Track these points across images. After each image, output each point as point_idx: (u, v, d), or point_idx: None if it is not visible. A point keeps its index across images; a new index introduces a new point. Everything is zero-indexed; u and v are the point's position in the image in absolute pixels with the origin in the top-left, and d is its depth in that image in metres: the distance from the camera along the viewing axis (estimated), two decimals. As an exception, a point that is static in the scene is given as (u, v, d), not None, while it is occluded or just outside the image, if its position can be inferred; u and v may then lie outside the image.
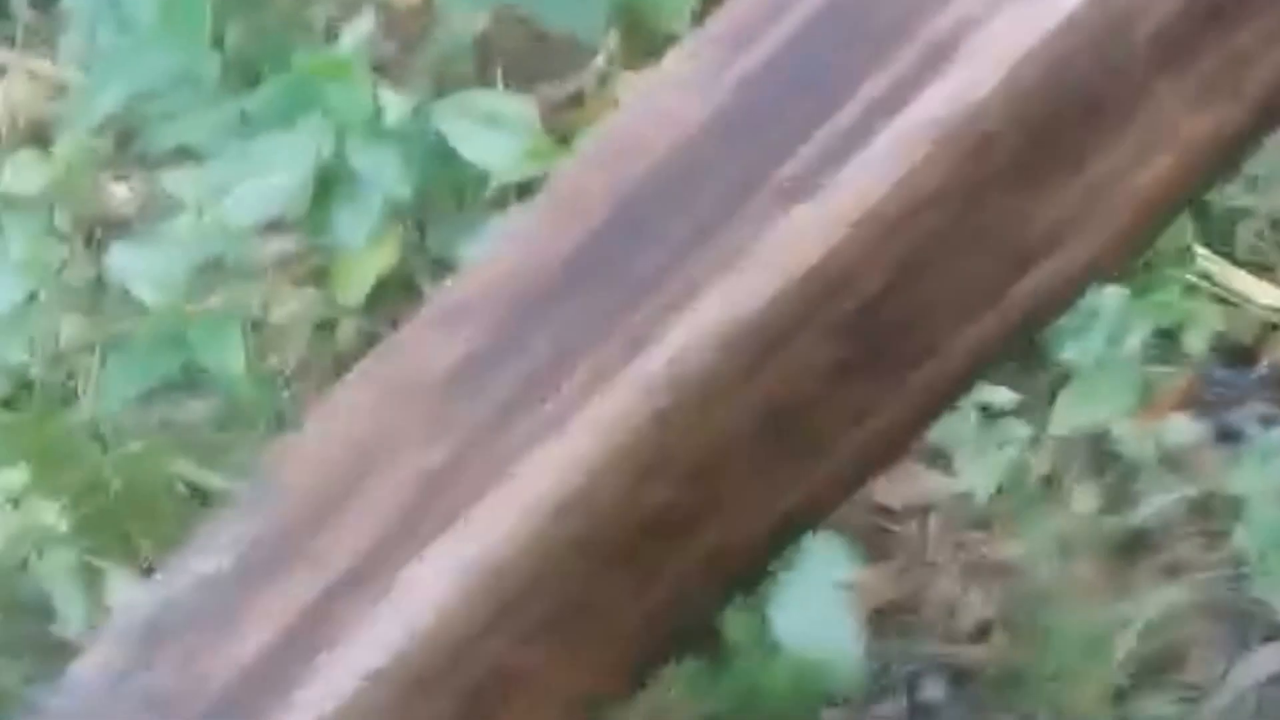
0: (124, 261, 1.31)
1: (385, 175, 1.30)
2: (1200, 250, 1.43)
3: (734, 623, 1.04)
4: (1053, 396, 1.32)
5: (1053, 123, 0.46)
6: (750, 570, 0.51)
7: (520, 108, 1.30)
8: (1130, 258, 0.49)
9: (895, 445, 0.50)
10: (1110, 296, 1.29)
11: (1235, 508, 1.25)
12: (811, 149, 0.47)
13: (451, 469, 0.51)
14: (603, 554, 0.48)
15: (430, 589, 0.48)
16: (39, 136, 1.54)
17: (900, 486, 1.37)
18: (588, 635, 0.48)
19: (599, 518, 0.47)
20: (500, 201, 1.44)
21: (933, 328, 0.47)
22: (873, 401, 0.48)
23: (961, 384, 0.50)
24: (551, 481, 0.48)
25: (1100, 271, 0.48)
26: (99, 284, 1.41)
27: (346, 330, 1.40)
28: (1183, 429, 1.29)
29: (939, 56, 0.45)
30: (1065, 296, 0.48)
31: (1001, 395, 1.34)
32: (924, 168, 0.45)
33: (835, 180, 0.46)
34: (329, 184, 1.34)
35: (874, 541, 1.34)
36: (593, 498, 0.47)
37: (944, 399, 0.50)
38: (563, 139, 1.31)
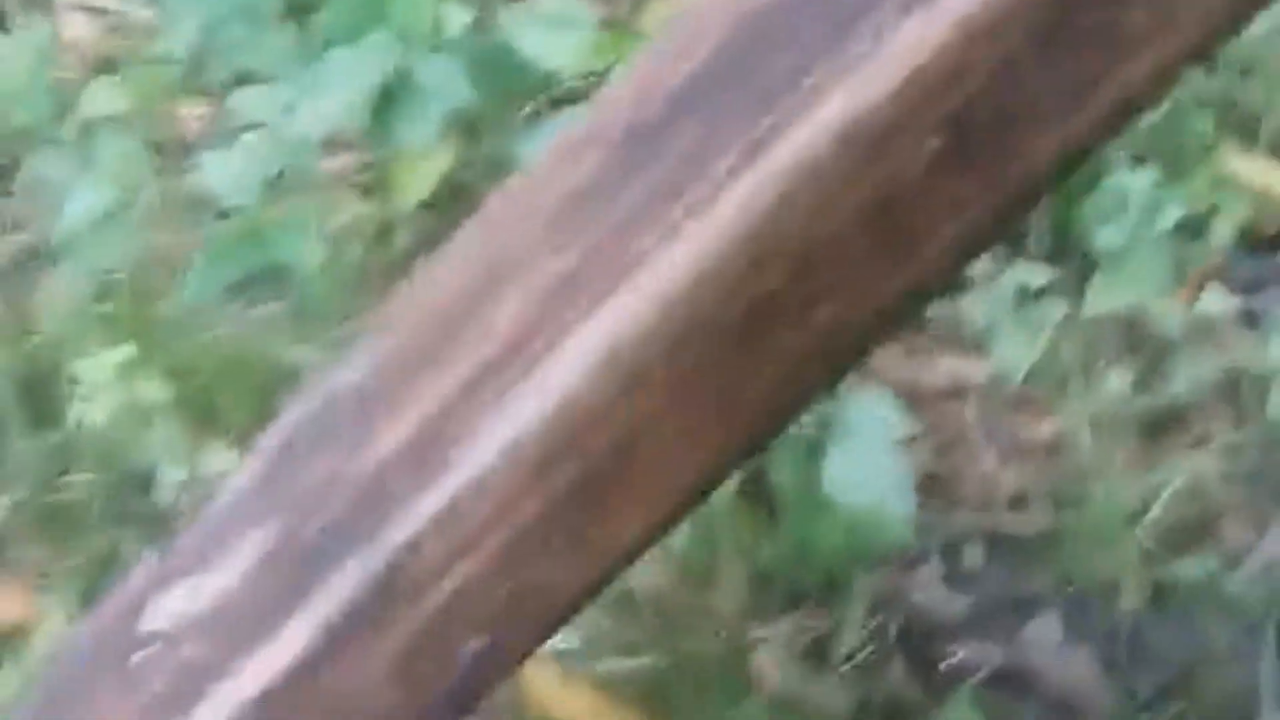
0: (208, 168, 1.36)
1: (447, 85, 1.34)
2: (1225, 144, 1.48)
3: (786, 477, 1.09)
4: (1085, 280, 1.38)
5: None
6: (853, 354, 0.56)
7: (583, 10, 1.34)
8: (1219, 45, 0.53)
9: (984, 238, 0.55)
10: (1140, 181, 1.34)
11: (1264, 384, 1.31)
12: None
13: (582, 271, 0.55)
14: (720, 336, 0.52)
15: (562, 370, 0.53)
16: (104, 70, 1.60)
17: (939, 369, 1.43)
18: (705, 413, 0.52)
19: (718, 302, 0.51)
20: (557, 105, 1.49)
21: (1027, 125, 0.52)
22: (968, 195, 0.53)
23: (1047, 181, 0.54)
24: (676, 272, 0.52)
25: (1192, 59, 0.52)
26: (178, 197, 1.47)
27: (404, 236, 1.45)
28: (1213, 307, 1.34)
29: None
30: (1153, 91, 0.52)
31: (1038, 277, 1.40)
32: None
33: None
34: (392, 96, 1.38)
35: (914, 421, 1.39)
36: (713, 284, 0.51)
37: (1032, 195, 0.54)
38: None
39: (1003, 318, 1.37)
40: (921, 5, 0.50)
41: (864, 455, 1.02)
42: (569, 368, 0.53)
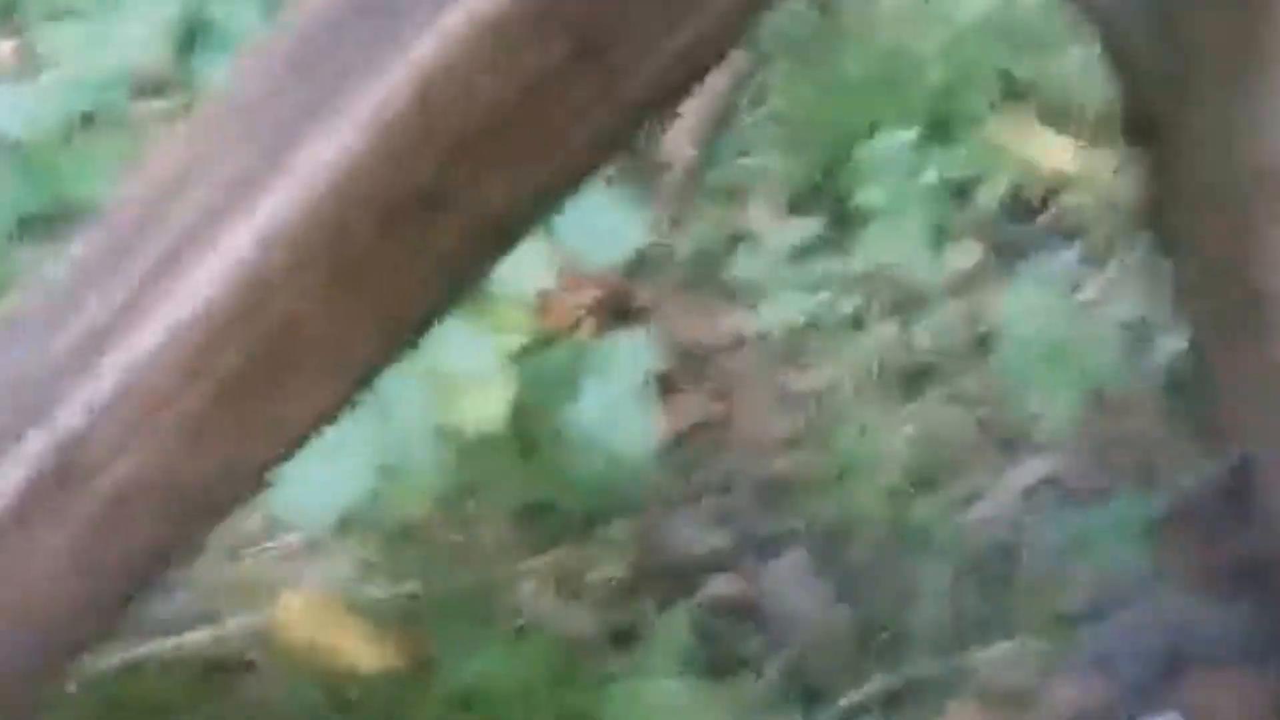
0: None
1: (243, 21, 1.37)
2: (998, 113, 1.55)
3: (544, 416, 1.14)
4: (853, 237, 1.45)
5: None
6: (502, 243, 0.60)
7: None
8: None
9: (622, 133, 0.60)
10: (905, 141, 1.40)
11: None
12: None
13: (256, 166, 0.59)
14: (376, 224, 0.56)
15: (229, 255, 0.57)
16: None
17: (713, 323, 1.49)
18: (367, 295, 0.56)
19: (373, 191, 0.56)
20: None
21: (645, 31, 0.57)
22: (595, 95, 0.58)
23: (669, 88, 0.59)
24: (330, 164, 0.56)
25: None
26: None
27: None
28: (968, 265, 1.41)
29: None
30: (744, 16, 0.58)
31: (808, 233, 1.46)
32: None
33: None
34: (191, 34, 1.41)
35: (688, 372, 1.45)
36: (366, 176, 0.56)
37: (662, 95, 0.59)
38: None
39: (775, 274, 1.44)
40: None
41: (614, 395, 1.08)
42: (234, 255, 0.57)
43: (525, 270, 1.09)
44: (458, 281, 0.59)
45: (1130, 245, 1.44)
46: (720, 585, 1.22)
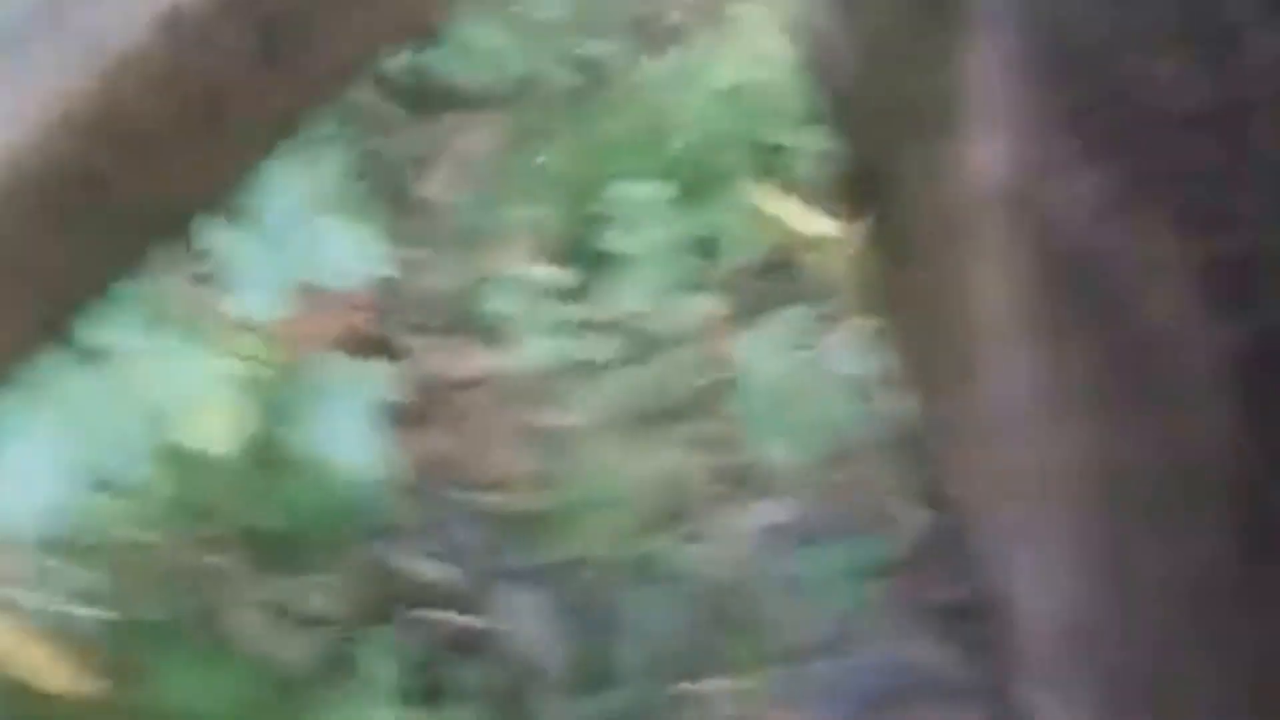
0: None
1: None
2: (749, 177, 1.61)
3: (282, 443, 1.15)
4: (599, 283, 1.49)
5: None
6: (177, 230, 0.62)
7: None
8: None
9: (295, 127, 0.62)
10: (653, 194, 1.45)
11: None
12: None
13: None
14: (43, 208, 0.58)
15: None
16: None
17: (462, 359, 1.51)
18: (22, 286, 0.57)
19: (41, 171, 0.57)
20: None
21: (328, 32, 0.59)
22: (278, 88, 0.60)
23: (345, 81, 0.62)
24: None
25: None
26: None
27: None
28: (714, 315, 1.47)
29: None
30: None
31: (555, 278, 1.50)
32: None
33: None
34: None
35: (434, 407, 1.47)
36: (37, 153, 0.57)
37: (334, 90, 0.62)
38: None
39: (526, 316, 1.47)
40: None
41: (346, 420, 1.09)
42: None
43: (264, 296, 1.11)
44: (119, 269, 0.61)
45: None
46: (447, 617, 1.25)
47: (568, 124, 1.61)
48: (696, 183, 1.57)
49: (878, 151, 0.82)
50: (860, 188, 0.90)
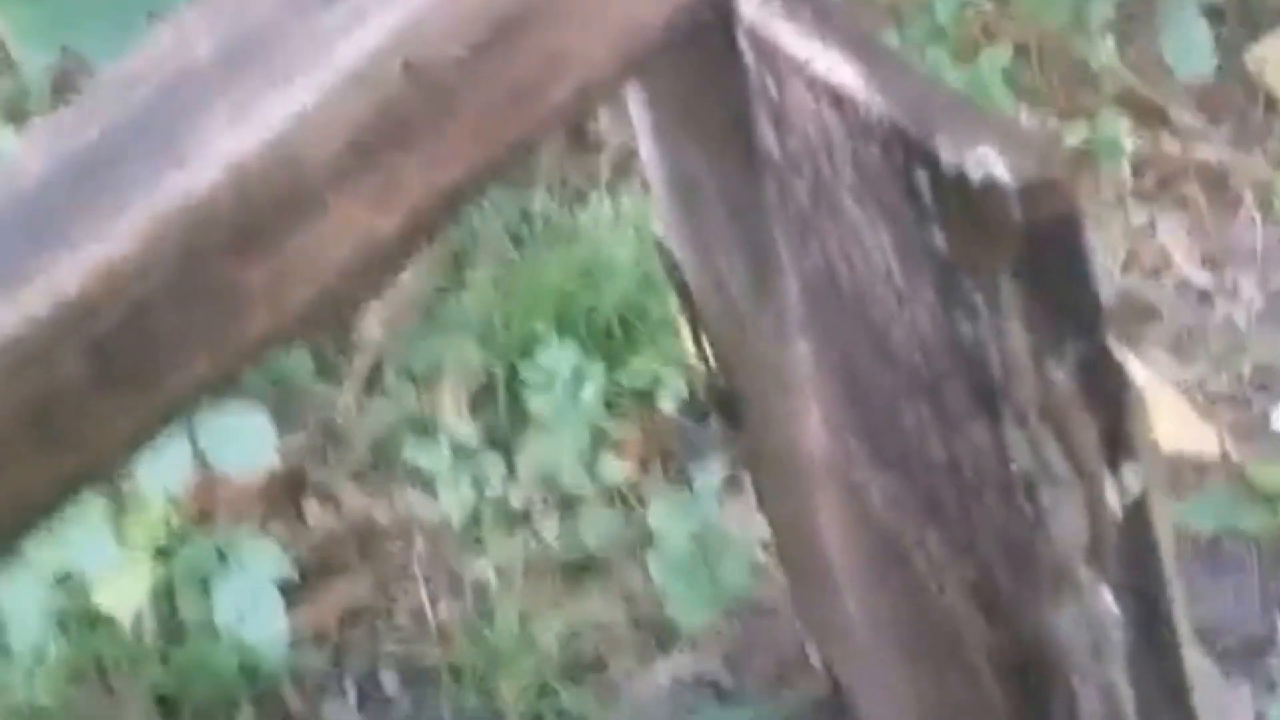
0: None
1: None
2: (680, 322, 1.64)
3: (186, 608, 1.18)
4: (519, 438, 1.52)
5: (260, 213, 0.62)
6: (20, 528, 0.66)
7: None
8: (318, 324, 0.65)
9: (141, 441, 0.65)
10: (568, 357, 1.48)
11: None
12: (89, 211, 0.62)
13: None
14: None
15: None
16: None
17: (388, 505, 1.54)
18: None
19: None
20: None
21: (167, 354, 0.63)
22: (124, 407, 0.63)
23: (200, 397, 0.65)
24: None
25: (297, 328, 0.64)
26: None
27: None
28: (628, 467, 1.50)
29: (177, 163, 0.61)
30: (271, 345, 0.64)
31: (484, 427, 1.53)
32: (153, 239, 0.61)
33: (98, 236, 0.62)
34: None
35: (358, 553, 1.50)
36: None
37: (181, 409, 0.65)
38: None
39: (446, 465, 1.50)
40: (66, 247, 0.61)
41: (248, 592, 1.13)
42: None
43: (167, 474, 1.14)
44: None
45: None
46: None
47: (501, 265, 1.65)
48: (626, 329, 1.61)
49: (733, 376, 0.86)
50: (728, 409, 0.93)
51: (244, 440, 1.11)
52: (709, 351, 0.94)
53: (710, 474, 1.48)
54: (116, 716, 1.16)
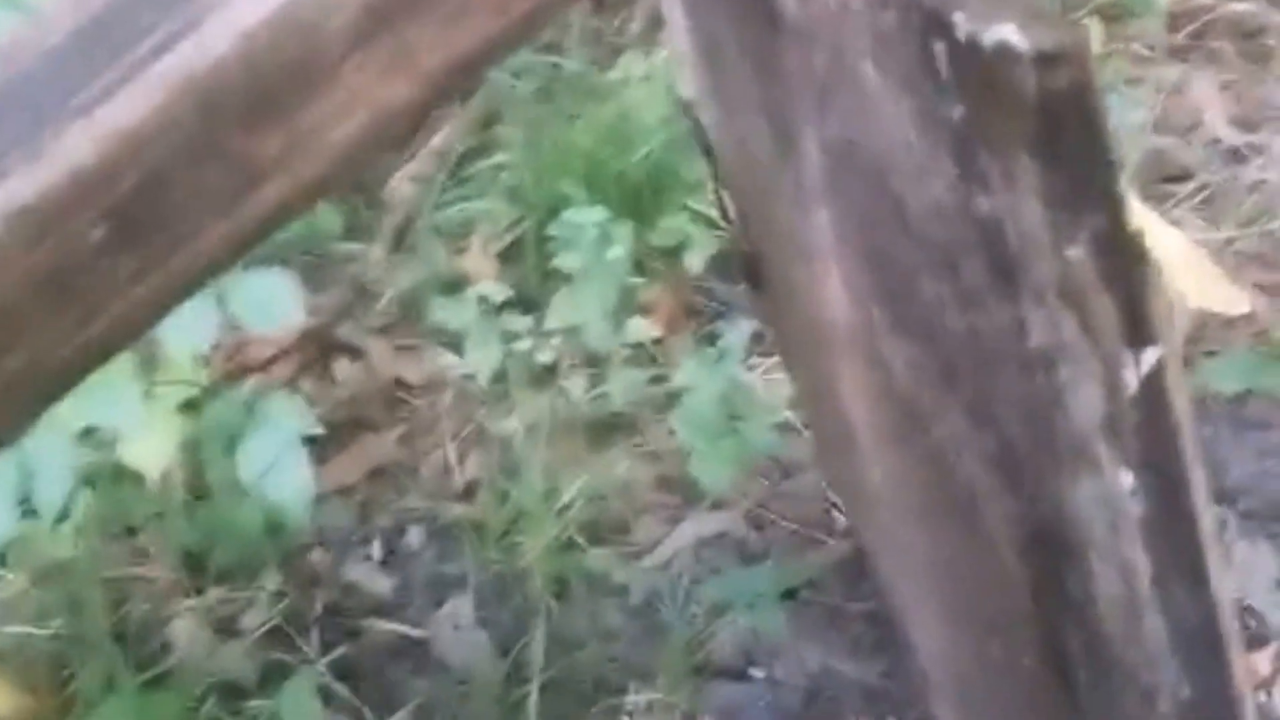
0: None
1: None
2: (711, 183, 1.62)
3: (211, 465, 1.19)
4: (547, 297, 1.51)
5: (272, 81, 0.61)
6: (50, 393, 0.66)
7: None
8: (332, 190, 0.65)
9: (161, 307, 0.65)
10: (595, 216, 1.47)
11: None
12: (101, 80, 0.61)
13: None
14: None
15: None
16: None
17: (416, 362, 1.54)
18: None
19: None
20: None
21: (183, 221, 0.62)
22: (139, 273, 0.63)
23: (214, 267, 0.65)
24: None
25: (312, 196, 0.63)
26: None
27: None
28: (662, 325, 1.49)
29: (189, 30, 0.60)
30: (287, 212, 0.64)
31: (513, 286, 1.52)
32: (173, 101, 0.60)
33: (111, 102, 0.61)
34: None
35: (385, 411, 1.51)
36: None
37: (199, 278, 0.65)
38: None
39: (479, 323, 1.50)
40: (81, 115, 0.60)
41: (272, 450, 1.13)
42: None
43: (194, 334, 1.14)
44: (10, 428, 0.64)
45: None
46: (380, 625, 1.29)
47: (530, 126, 1.63)
48: (655, 188, 1.59)
49: (757, 240, 0.85)
50: (753, 271, 0.93)
51: (271, 300, 1.10)
52: (733, 214, 0.93)
53: (737, 333, 1.47)
54: (143, 572, 1.18)
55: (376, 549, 1.34)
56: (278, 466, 1.12)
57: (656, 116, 1.56)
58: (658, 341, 1.51)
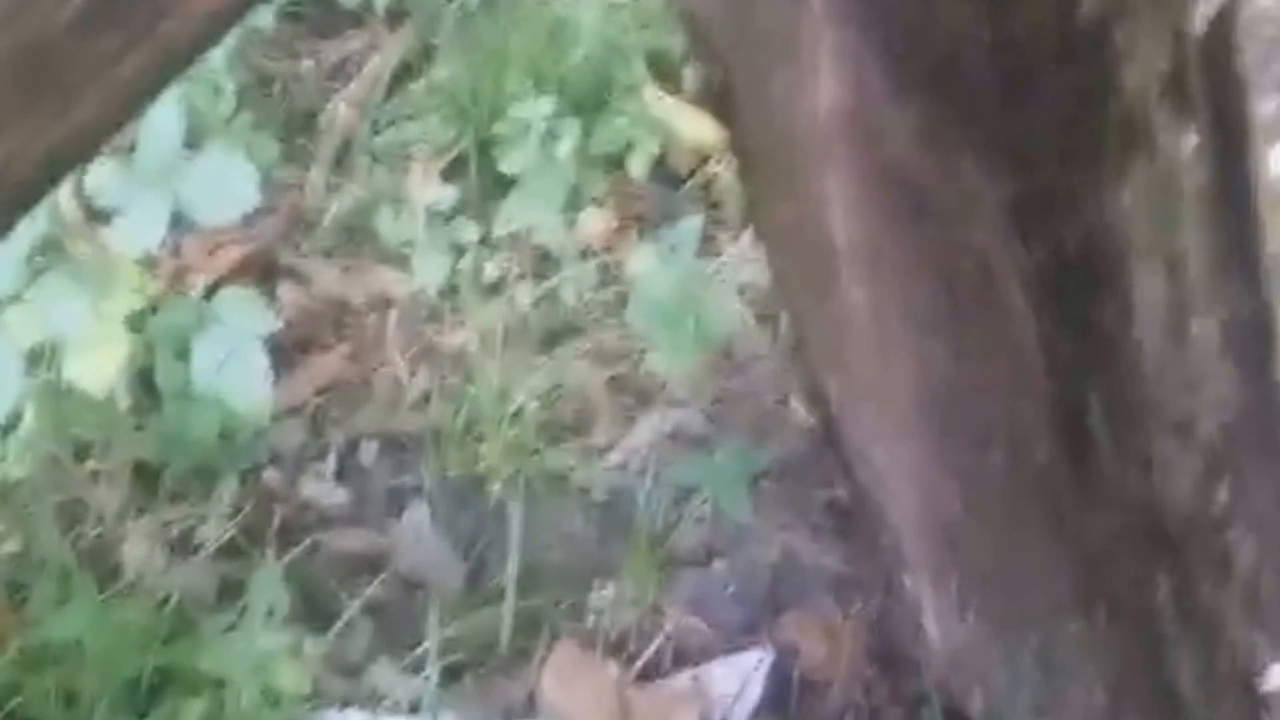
0: None
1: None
2: (649, 87, 1.56)
3: (163, 372, 1.12)
4: (494, 202, 1.45)
5: None
6: (29, 195, 0.59)
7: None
8: None
9: (142, 94, 0.58)
10: (542, 110, 1.41)
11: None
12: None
13: None
14: None
15: None
16: None
17: (361, 282, 1.47)
18: None
19: None
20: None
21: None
22: (119, 52, 0.56)
23: (201, 40, 0.58)
24: None
25: None
26: None
27: None
28: (609, 228, 1.43)
29: None
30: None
31: (455, 197, 1.46)
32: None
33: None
34: None
35: (332, 331, 1.44)
36: None
37: (186, 53, 0.58)
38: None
39: (423, 237, 1.43)
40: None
41: (229, 347, 1.06)
42: None
43: (138, 230, 1.07)
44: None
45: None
46: (338, 539, 1.23)
47: (465, 36, 1.57)
48: (594, 94, 1.52)
49: (733, 73, 0.79)
50: (722, 106, 0.87)
51: (223, 186, 1.03)
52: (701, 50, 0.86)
53: (687, 231, 1.41)
54: (93, 490, 1.11)
55: (331, 465, 1.27)
56: (235, 364, 1.05)
57: (592, 19, 1.49)
58: (606, 248, 1.45)
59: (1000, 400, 0.64)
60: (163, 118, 1.11)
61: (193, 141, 1.29)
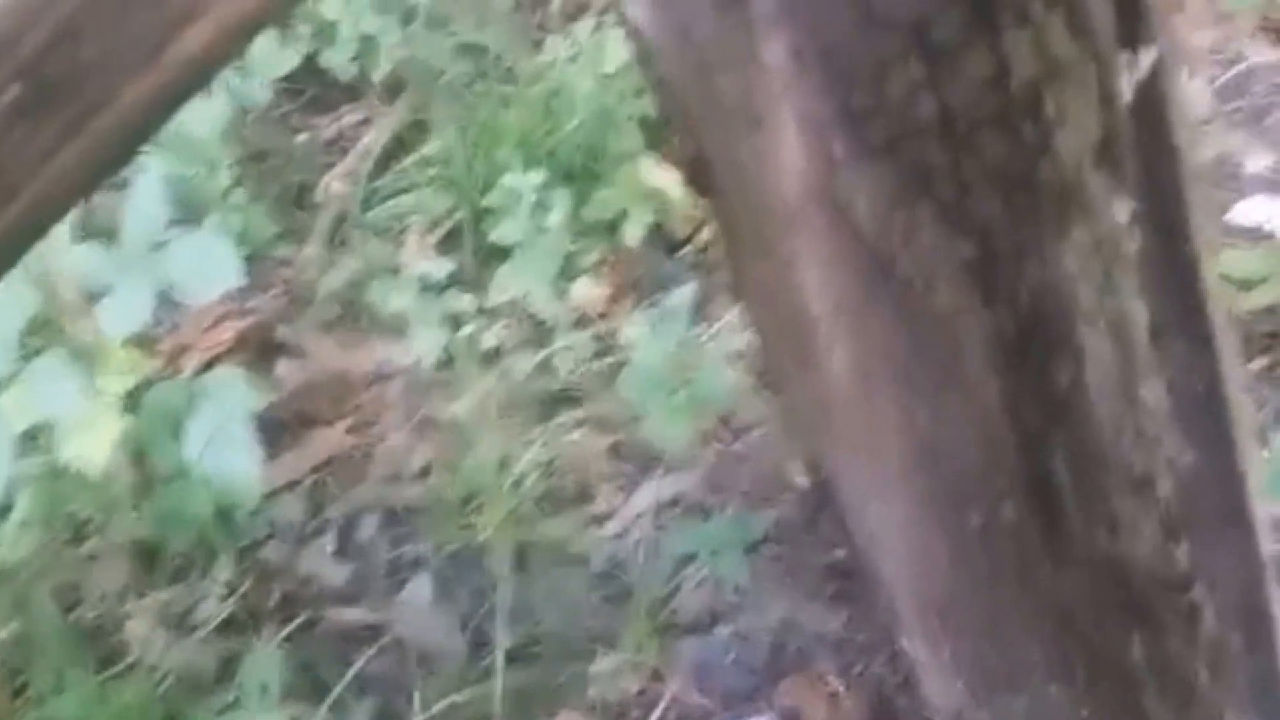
0: None
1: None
2: (643, 155, 1.56)
3: (156, 452, 1.11)
4: (488, 272, 1.44)
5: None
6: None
7: None
8: (260, 28, 0.57)
9: (81, 185, 0.58)
10: (532, 181, 1.41)
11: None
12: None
13: None
14: None
15: None
16: None
17: (359, 354, 1.47)
18: None
19: None
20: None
21: (101, 80, 0.55)
22: (55, 143, 0.56)
23: (139, 131, 0.57)
24: None
25: (239, 36, 0.56)
26: None
27: None
28: (604, 296, 1.42)
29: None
30: (214, 58, 0.56)
31: (450, 268, 1.45)
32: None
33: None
34: None
35: (331, 405, 1.43)
36: None
37: (124, 144, 0.57)
38: None
39: (419, 309, 1.42)
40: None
41: (218, 429, 1.05)
42: None
43: (129, 311, 1.06)
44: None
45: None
46: (338, 613, 1.21)
47: (459, 112, 1.57)
48: (588, 164, 1.53)
49: (704, 140, 0.80)
50: (697, 173, 0.87)
51: (206, 264, 1.02)
52: (678, 125, 0.86)
53: (681, 298, 1.41)
54: (92, 570, 1.10)
55: (331, 540, 1.26)
56: (223, 442, 1.04)
57: (586, 90, 1.50)
58: (602, 316, 1.44)
59: (974, 461, 0.64)
60: (148, 197, 1.10)
61: (189, 217, 1.29)
